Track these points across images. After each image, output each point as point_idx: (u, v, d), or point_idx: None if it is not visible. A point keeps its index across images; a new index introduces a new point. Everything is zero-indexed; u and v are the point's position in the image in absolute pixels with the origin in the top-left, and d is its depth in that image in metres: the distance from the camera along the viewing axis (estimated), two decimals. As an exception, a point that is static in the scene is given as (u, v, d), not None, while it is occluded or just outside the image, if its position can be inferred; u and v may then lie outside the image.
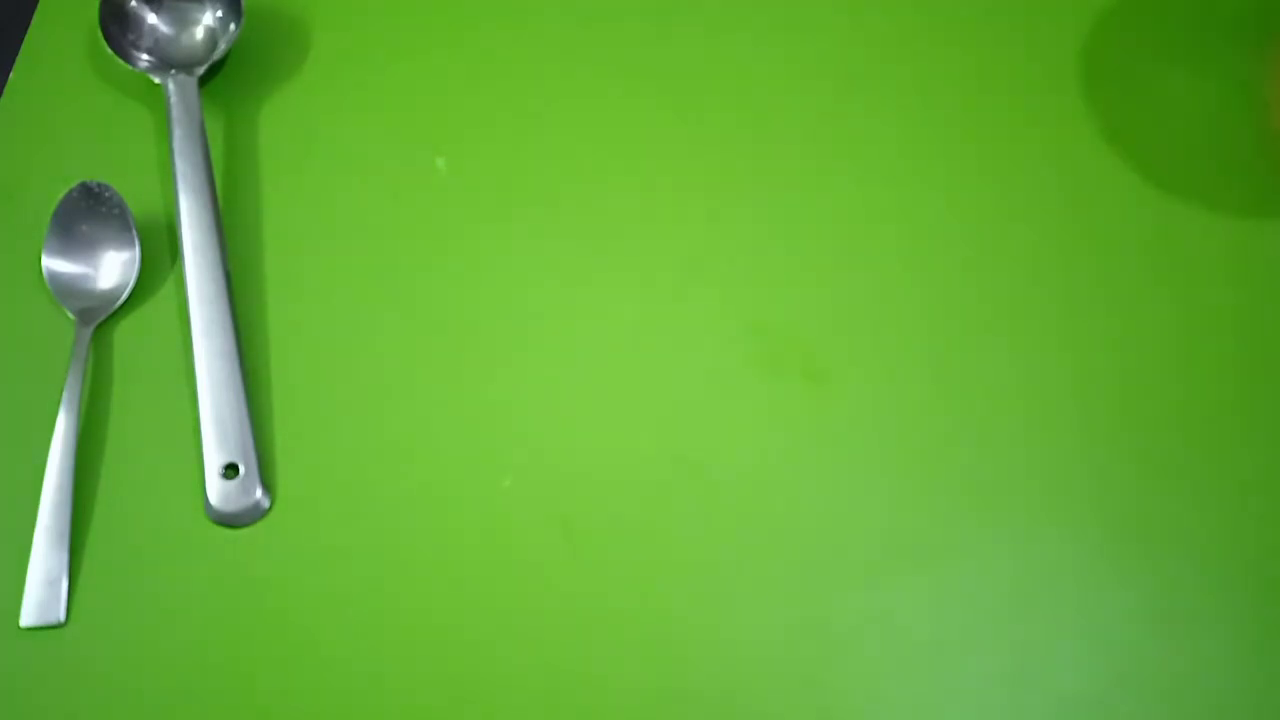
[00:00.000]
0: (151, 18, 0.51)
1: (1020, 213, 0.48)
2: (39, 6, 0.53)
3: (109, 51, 0.50)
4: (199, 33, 0.52)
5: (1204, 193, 0.48)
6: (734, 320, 0.45)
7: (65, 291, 0.45)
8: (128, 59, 0.50)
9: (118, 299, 0.45)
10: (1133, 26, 0.52)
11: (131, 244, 0.46)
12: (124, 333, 0.46)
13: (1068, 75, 0.51)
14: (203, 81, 0.50)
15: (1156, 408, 0.44)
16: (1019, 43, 0.52)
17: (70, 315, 0.45)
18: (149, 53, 0.51)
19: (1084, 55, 0.51)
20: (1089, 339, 0.45)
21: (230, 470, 0.42)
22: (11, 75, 0.51)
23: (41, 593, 0.41)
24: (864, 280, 0.46)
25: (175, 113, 0.48)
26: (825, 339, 0.45)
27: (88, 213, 0.46)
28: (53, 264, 0.46)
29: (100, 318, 0.45)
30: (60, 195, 0.46)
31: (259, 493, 0.42)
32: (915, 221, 0.48)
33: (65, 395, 0.43)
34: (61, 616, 0.40)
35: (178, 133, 0.47)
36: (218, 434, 0.42)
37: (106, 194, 0.46)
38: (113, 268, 0.46)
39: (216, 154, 0.49)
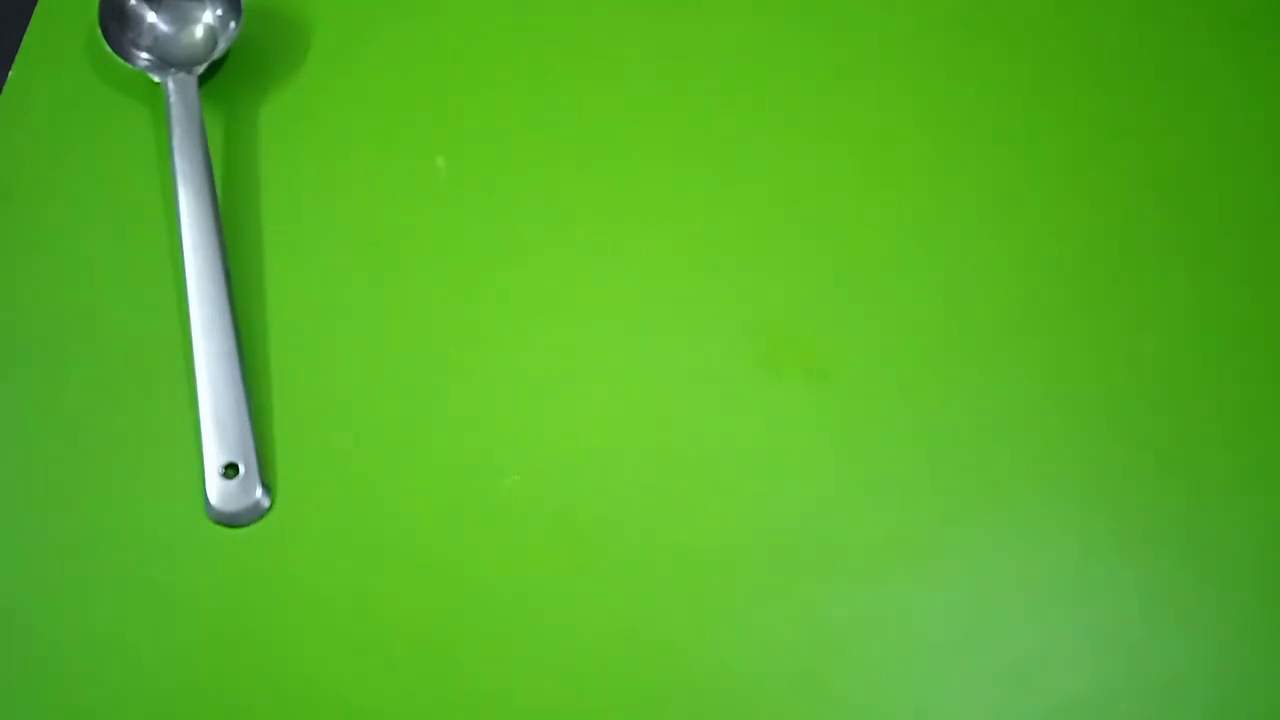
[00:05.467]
0: (151, 16, 0.51)
1: (1030, 207, 0.48)
2: (38, 5, 0.53)
3: (108, 50, 0.50)
4: (198, 31, 0.51)
5: (1226, 191, 0.48)
6: (736, 319, 0.45)
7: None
8: (127, 57, 0.50)
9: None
10: (1164, 21, 0.52)
11: None
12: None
13: (1086, 70, 0.51)
14: (202, 80, 0.50)
15: (1160, 407, 0.44)
16: (1036, 36, 0.52)
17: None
18: (148, 51, 0.51)
19: (1104, 49, 0.52)
20: (1094, 338, 0.45)
21: (230, 470, 0.42)
22: (10, 74, 0.51)
23: None
24: (867, 278, 0.46)
25: (174, 111, 0.48)
26: (828, 337, 0.45)
27: None
28: None
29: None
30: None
31: (259, 492, 0.42)
32: (920, 217, 0.48)
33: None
34: None
35: (177, 131, 0.47)
36: (218, 434, 0.42)
37: None
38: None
39: (216, 153, 0.49)
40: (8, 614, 0.40)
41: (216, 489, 0.42)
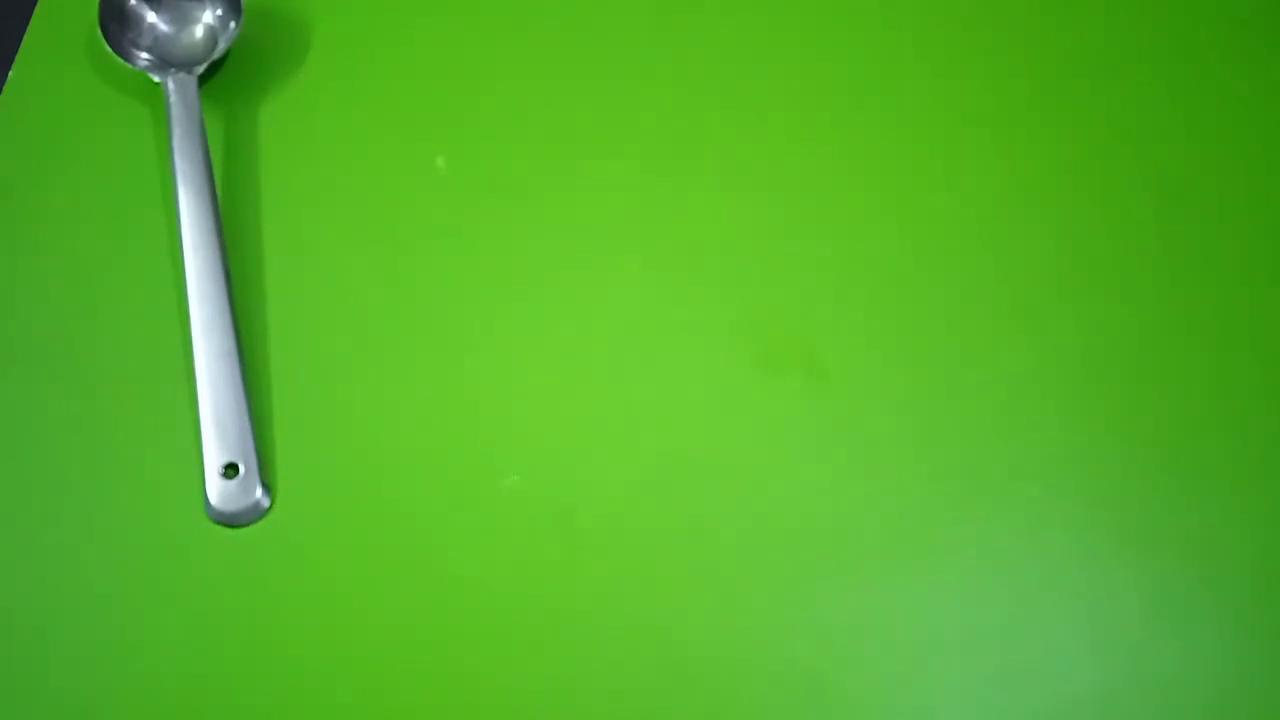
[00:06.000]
0: (151, 16, 0.51)
1: (1028, 207, 0.48)
2: (38, 6, 0.53)
3: (108, 50, 0.50)
4: (198, 31, 0.51)
5: (1226, 191, 0.48)
6: (735, 318, 0.45)
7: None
8: (127, 57, 0.50)
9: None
10: (1164, 22, 0.52)
11: None
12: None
13: (1085, 70, 0.51)
14: (202, 80, 0.50)
15: (1160, 407, 0.44)
16: (1031, 37, 0.52)
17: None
18: (148, 51, 0.51)
19: (1103, 50, 0.52)
20: (1095, 337, 0.45)
21: (230, 470, 0.42)
22: (10, 74, 0.51)
23: None
24: (865, 278, 0.46)
25: (175, 111, 0.48)
26: (826, 337, 0.45)
27: None
28: None
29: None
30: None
31: (259, 493, 0.42)
32: (919, 216, 0.48)
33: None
34: None
35: (177, 131, 0.47)
36: (218, 434, 0.42)
37: None
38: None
39: (216, 153, 0.49)
40: (7, 614, 0.40)
41: (216, 489, 0.42)
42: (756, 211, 0.48)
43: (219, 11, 0.51)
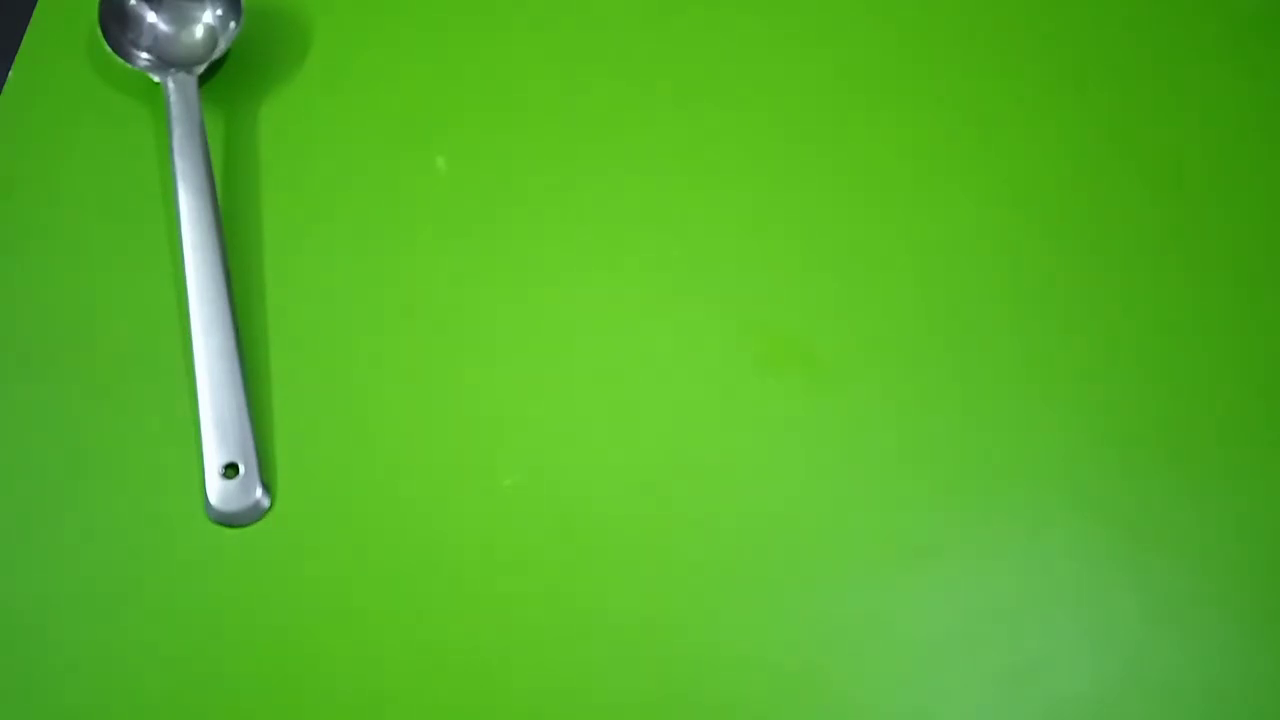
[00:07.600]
0: (151, 16, 0.51)
1: (1028, 208, 0.48)
2: (38, 6, 0.53)
3: (108, 50, 0.50)
4: (199, 31, 0.51)
5: (1222, 190, 0.48)
6: (734, 318, 0.46)
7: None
8: (127, 58, 0.50)
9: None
10: (1150, 21, 0.52)
11: None
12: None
13: (1079, 70, 0.51)
14: (202, 80, 0.50)
15: (1158, 408, 0.44)
16: (1028, 37, 0.52)
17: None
18: (148, 51, 0.51)
19: (1096, 49, 0.52)
20: (1094, 338, 0.45)
21: (230, 470, 0.42)
22: (10, 74, 0.51)
23: None
24: (865, 278, 0.46)
25: (175, 111, 0.48)
26: (826, 337, 0.45)
27: None
28: None
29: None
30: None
31: (259, 492, 0.42)
32: (919, 217, 0.48)
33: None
34: None
35: (177, 131, 0.47)
36: (218, 434, 0.42)
37: None
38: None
39: (216, 153, 0.49)
40: (7, 614, 0.40)
41: (216, 489, 0.42)
42: (757, 212, 0.48)
43: (219, 11, 0.51)
